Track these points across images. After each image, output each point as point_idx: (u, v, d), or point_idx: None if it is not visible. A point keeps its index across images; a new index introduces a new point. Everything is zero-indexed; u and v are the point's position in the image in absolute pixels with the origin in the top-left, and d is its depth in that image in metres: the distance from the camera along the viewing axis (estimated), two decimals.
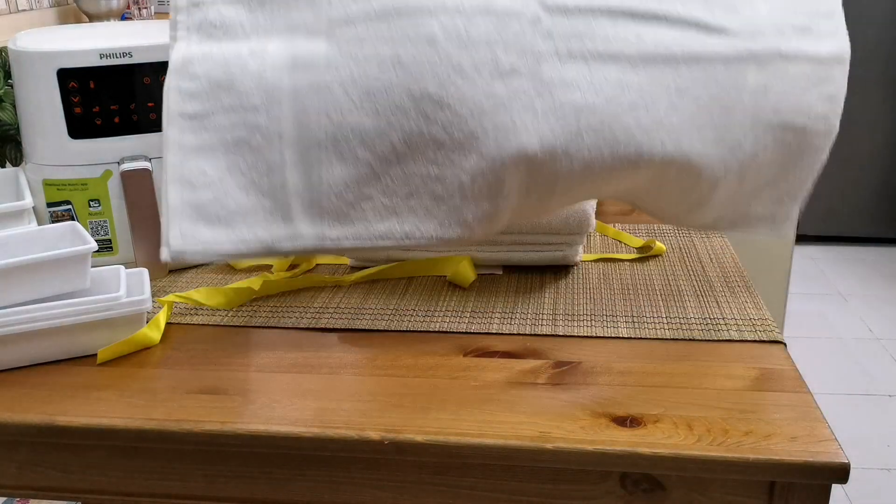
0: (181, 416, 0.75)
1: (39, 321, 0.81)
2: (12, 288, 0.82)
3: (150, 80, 0.99)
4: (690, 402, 0.75)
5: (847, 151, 3.19)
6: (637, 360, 0.82)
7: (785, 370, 0.80)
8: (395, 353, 0.85)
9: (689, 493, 0.72)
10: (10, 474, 0.81)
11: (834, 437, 0.69)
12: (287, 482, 0.77)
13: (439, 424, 0.72)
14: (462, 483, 0.74)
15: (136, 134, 0.99)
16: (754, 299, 0.94)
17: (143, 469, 0.79)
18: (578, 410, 0.74)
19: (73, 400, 0.78)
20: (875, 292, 2.94)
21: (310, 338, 0.89)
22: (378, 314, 0.93)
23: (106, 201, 1.00)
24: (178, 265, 1.06)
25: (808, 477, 0.67)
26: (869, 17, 3.05)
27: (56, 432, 0.75)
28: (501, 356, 0.84)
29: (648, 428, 0.71)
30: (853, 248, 3.30)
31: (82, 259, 0.85)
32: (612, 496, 0.73)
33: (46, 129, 0.98)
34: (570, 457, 0.69)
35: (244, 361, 0.84)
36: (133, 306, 0.85)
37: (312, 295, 0.99)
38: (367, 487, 0.76)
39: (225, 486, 0.78)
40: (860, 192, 3.24)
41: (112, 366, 0.84)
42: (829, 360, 2.50)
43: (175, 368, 0.83)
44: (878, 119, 3.15)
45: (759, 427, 0.71)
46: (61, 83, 0.96)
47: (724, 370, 0.80)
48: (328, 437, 0.72)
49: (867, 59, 3.09)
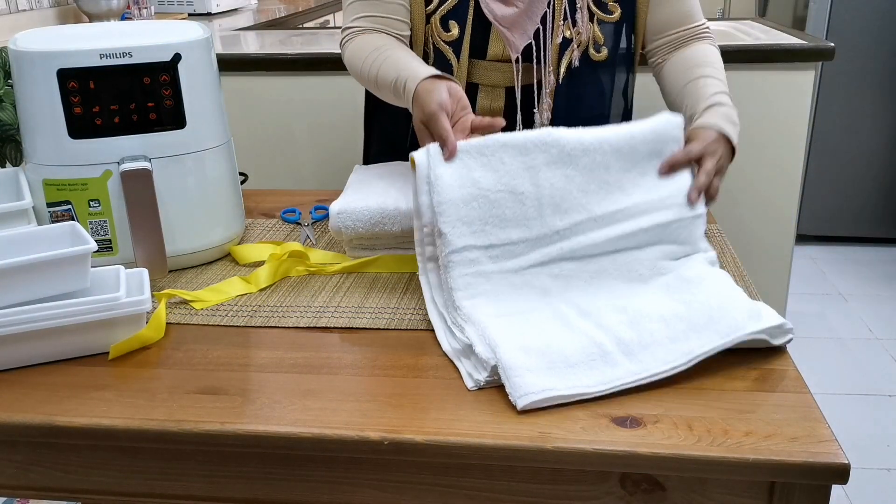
0: (181, 416, 0.75)
1: (39, 321, 0.81)
2: (12, 288, 0.82)
3: (149, 80, 0.99)
4: (690, 402, 0.75)
5: (847, 151, 3.18)
6: None
7: (785, 370, 0.80)
8: (395, 353, 0.85)
9: (689, 494, 0.72)
10: (10, 474, 0.81)
11: (834, 438, 0.69)
12: (287, 482, 0.77)
13: (439, 425, 0.72)
14: (462, 483, 0.74)
15: (136, 134, 0.99)
16: (754, 299, 0.94)
17: (143, 469, 0.79)
18: (578, 410, 0.74)
19: (73, 400, 0.78)
20: (875, 292, 2.93)
21: (310, 338, 0.89)
22: (378, 313, 0.93)
23: (106, 201, 1.00)
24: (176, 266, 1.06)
25: (808, 477, 0.67)
26: (869, 17, 3.04)
27: (56, 432, 0.75)
28: None
29: (648, 428, 0.71)
30: (853, 248, 3.29)
31: (82, 259, 0.85)
32: (612, 496, 0.73)
33: (46, 129, 0.98)
34: (570, 457, 0.69)
35: (244, 361, 0.84)
36: (133, 306, 0.85)
37: (313, 295, 0.99)
38: (367, 487, 0.76)
39: (225, 486, 0.78)
40: (860, 192, 3.23)
41: (112, 366, 0.84)
42: (829, 360, 2.49)
43: (175, 368, 0.83)
44: (878, 119, 3.15)
45: (759, 427, 0.71)
46: (61, 83, 0.96)
47: (724, 370, 0.80)
48: (328, 437, 0.72)
49: (867, 59, 3.09)
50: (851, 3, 3.10)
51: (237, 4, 3.52)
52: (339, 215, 1.05)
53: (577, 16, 1.17)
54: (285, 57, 2.04)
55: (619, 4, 1.19)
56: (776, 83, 1.94)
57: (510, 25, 1.16)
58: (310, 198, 1.34)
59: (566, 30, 1.17)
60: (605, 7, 1.18)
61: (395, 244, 1.07)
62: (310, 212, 1.26)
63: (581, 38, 1.18)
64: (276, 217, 1.26)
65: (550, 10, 1.16)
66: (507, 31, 1.16)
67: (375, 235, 1.05)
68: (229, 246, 1.11)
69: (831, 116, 3.24)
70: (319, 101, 2.07)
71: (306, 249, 1.08)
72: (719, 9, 4.44)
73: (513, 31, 1.17)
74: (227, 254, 1.11)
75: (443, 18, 1.17)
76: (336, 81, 2.04)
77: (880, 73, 3.17)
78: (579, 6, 1.16)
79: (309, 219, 1.24)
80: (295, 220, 1.24)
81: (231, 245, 1.11)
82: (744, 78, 1.93)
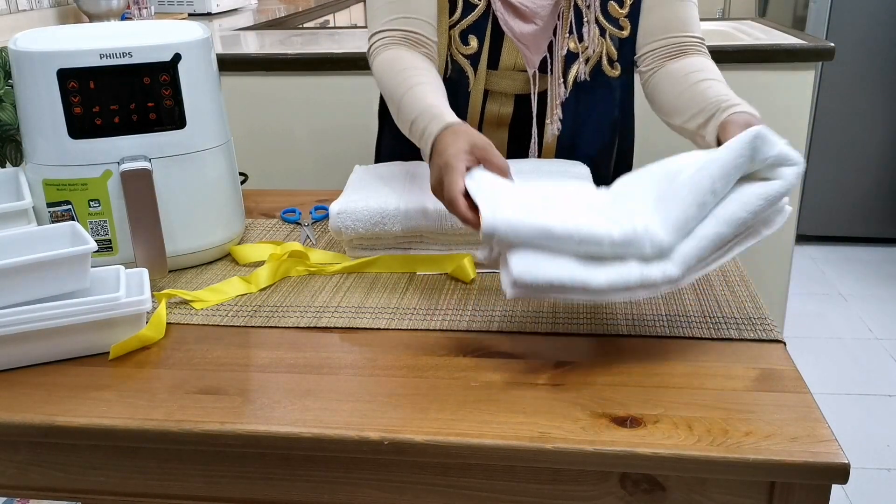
0: (181, 416, 0.75)
1: (39, 321, 0.81)
2: (12, 288, 0.82)
3: (149, 80, 0.99)
4: (690, 402, 0.75)
5: (847, 151, 3.18)
6: (637, 359, 0.82)
7: (785, 370, 0.80)
8: (395, 353, 0.85)
9: (689, 494, 0.72)
10: (10, 474, 0.81)
11: (834, 438, 0.69)
12: (287, 482, 0.77)
13: (439, 425, 0.72)
14: (462, 483, 0.74)
15: (136, 134, 0.99)
16: (754, 299, 0.94)
17: (143, 469, 0.79)
18: (578, 410, 0.74)
19: (73, 400, 0.78)
20: (875, 292, 2.94)
21: (310, 338, 0.89)
22: (378, 313, 0.93)
23: (106, 201, 1.00)
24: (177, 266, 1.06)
25: (808, 477, 0.67)
26: (869, 17, 3.04)
27: (56, 432, 0.75)
28: (501, 356, 0.84)
29: (648, 428, 0.71)
30: (853, 248, 3.30)
31: (82, 259, 0.85)
32: (612, 496, 0.73)
33: (46, 129, 0.98)
34: (570, 457, 0.69)
35: (244, 361, 0.84)
36: (133, 306, 0.85)
37: (313, 295, 0.99)
38: (366, 487, 0.76)
39: (225, 486, 0.78)
40: (860, 192, 3.23)
41: (112, 366, 0.84)
42: (829, 360, 2.49)
43: (175, 368, 0.83)
44: (878, 119, 3.15)
45: (759, 427, 0.71)
46: (61, 83, 0.96)
47: (724, 370, 0.80)
48: (328, 437, 0.72)
49: (867, 59, 3.09)
50: (851, 3, 3.10)
51: (237, 4, 3.52)
52: (339, 215, 1.05)
53: (584, 30, 1.17)
54: (285, 57, 2.04)
55: (630, 20, 1.18)
56: (776, 83, 1.94)
57: (529, 42, 1.17)
58: (310, 198, 1.34)
59: (571, 42, 1.17)
60: (617, 23, 1.18)
61: (396, 244, 1.07)
62: (310, 212, 1.26)
63: (588, 53, 1.18)
64: (276, 217, 1.26)
65: (560, 22, 1.17)
66: (525, 48, 1.18)
67: (375, 235, 1.05)
68: (229, 246, 1.11)
69: (831, 116, 3.24)
70: (319, 101, 2.07)
71: (306, 249, 1.08)
72: (719, 9, 4.44)
73: (531, 46, 1.18)
74: (227, 254, 1.11)
75: (462, 33, 1.18)
76: (336, 81, 2.04)
77: (880, 73, 3.17)
78: (586, 20, 1.16)
79: (309, 219, 1.24)
80: (295, 220, 1.24)
81: (231, 245, 1.11)
82: (744, 78, 1.93)
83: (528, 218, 0.77)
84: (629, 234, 0.77)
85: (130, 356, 0.86)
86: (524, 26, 1.16)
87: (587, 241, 0.77)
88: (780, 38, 2.02)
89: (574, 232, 0.77)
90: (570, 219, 0.78)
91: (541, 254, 0.77)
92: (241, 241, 1.14)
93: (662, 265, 0.78)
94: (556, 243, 0.77)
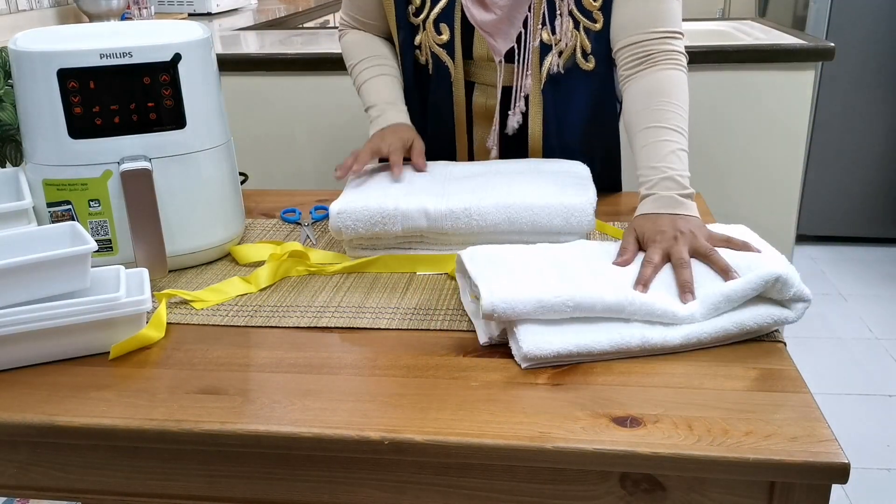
0: (181, 416, 0.75)
1: (39, 321, 0.81)
2: (12, 288, 0.82)
3: (150, 80, 0.99)
4: (690, 402, 0.75)
5: (847, 151, 3.18)
6: (637, 359, 0.82)
7: (785, 370, 0.80)
8: (395, 353, 0.85)
9: (689, 493, 0.72)
10: (10, 474, 0.81)
11: (834, 437, 0.69)
12: (287, 482, 0.77)
13: (439, 424, 0.72)
14: (462, 483, 0.74)
15: (136, 134, 0.99)
16: None
17: (143, 469, 0.79)
18: (578, 410, 0.74)
19: (73, 400, 0.78)
20: (875, 292, 2.93)
21: (310, 338, 0.89)
22: (378, 313, 0.93)
23: (106, 201, 1.00)
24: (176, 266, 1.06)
25: (808, 477, 0.67)
26: (869, 17, 3.04)
27: (56, 432, 0.75)
28: (501, 356, 0.84)
29: (648, 428, 0.71)
30: (853, 248, 3.29)
31: (82, 259, 0.85)
32: (612, 496, 0.73)
33: (46, 129, 0.98)
34: (570, 457, 0.69)
35: (244, 361, 0.84)
36: (133, 306, 0.85)
37: (313, 295, 0.99)
38: (367, 487, 0.76)
39: (225, 486, 0.78)
40: (860, 192, 3.23)
41: (112, 366, 0.84)
42: (829, 360, 2.49)
43: (175, 368, 0.83)
44: (878, 119, 3.15)
45: (759, 427, 0.71)
46: (61, 83, 0.96)
47: (724, 370, 0.80)
48: (328, 437, 0.72)
49: (867, 59, 3.09)
50: (851, 3, 3.09)
51: (237, 4, 3.52)
52: (339, 215, 1.05)
53: (556, 22, 1.17)
54: (285, 57, 2.04)
55: (603, 13, 1.17)
56: (776, 83, 1.94)
57: (492, 30, 1.20)
58: (310, 198, 1.34)
59: (544, 34, 1.18)
60: (591, 15, 1.17)
61: (395, 244, 1.07)
62: (310, 212, 1.26)
63: (561, 45, 1.18)
64: (276, 217, 1.26)
65: (531, 14, 1.17)
66: (489, 36, 1.20)
67: (375, 235, 1.06)
68: (229, 246, 1.11)
69: (831, 116, 3.24)
70: (319, 101, 2.07)
71: (306, 249, 1.08)
72: (719, 9, 4.44)
73: (495, 35, 1.20)
74: (227, 254, 1.11)
75: (434, 22, 1.22)
76: (336, 81, 2.04)
77: (880, 73, 3.17)
78: (559, 13, 1.17)
79: (309, 219, 1.24)
80: (295, 220, 1.24)
81: (231, 245, 1.11)
82: (744, 78, 1.93)
83: (522, 294, 0.83)
84: (622, 301, 0.83)
85: (130, 356, 0.86)
86: (485, 14, 1.19)
87: (581, 307, 0.82)
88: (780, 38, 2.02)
89: (567, 299, 0.82)
90: (563, 287, 0.84)
91: (545, 326, 0.83)
92: (241, 241, 1.14)
93: (665, 331, 0.83)
94: (553, 314, 0.83)
